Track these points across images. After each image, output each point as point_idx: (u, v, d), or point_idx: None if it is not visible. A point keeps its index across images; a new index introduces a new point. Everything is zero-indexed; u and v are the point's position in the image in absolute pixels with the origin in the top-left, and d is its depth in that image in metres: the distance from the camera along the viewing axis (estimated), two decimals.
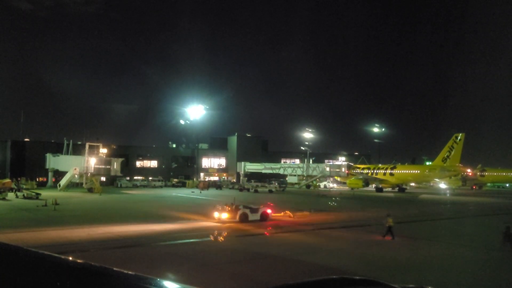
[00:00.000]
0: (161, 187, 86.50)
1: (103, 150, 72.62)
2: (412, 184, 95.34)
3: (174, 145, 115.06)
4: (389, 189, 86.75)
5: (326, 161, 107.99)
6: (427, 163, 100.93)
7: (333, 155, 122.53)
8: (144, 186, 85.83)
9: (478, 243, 25.44)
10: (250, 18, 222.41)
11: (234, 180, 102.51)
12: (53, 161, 77.29)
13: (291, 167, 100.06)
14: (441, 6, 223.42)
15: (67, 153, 76.47)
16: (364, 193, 78.58)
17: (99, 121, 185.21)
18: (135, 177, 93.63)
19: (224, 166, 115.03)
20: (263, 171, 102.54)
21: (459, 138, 78.56)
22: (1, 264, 2.18)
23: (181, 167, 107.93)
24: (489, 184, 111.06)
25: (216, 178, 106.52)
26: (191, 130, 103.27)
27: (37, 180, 79.75)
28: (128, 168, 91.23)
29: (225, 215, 31.65)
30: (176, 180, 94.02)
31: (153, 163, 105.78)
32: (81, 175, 67.88)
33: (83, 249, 20.78)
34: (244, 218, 31.45)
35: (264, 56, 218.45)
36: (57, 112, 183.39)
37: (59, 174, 75.88)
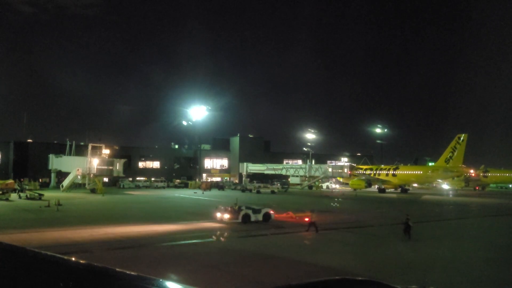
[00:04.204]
0: (163, 188, 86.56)
1: (106, 151, 72.68)
2: (415, 185, 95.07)
3: (176, 146, 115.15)
4: (392, 190, 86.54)
5: (328, 162, 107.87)
6: (430, 164, 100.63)
7: (335, 156, 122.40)
8: (147, 187, 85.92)
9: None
10: (253, 20, 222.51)
11: (237, 181, 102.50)
12: (56, 162, 77.44)
13: (293, 168, 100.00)
14: (444, 7, 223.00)
15: (69, 154, 76.61)
16: (367, 194, 78.40)
17: (102, 122, 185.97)
18: (138, 178, 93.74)
19: (227, 167, 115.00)
20: (265, 172, 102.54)
21: (462, 138, 78.27)
22: (5, 265, 2.18)
23: (184, 168, 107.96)
24: (492, 185, 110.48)
25: (218, 179, 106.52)
26: (193, 131, 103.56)
27: (40, 181, 79.90)
28: (130, 169, 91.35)
29: (227, 216, 31.63)
30: (178, 181, 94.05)
31: (156, 164, 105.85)
32: (83, 176, 68.01)
33: (86, 249, 20.81)
34: (246, 219, 31.42)
35: (267, 57, 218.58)
36: (60, 113, 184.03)
37: (62, 175, 76.06)
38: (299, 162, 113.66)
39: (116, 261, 18.60)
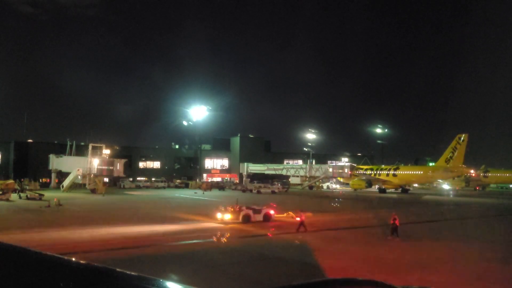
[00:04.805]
0: (164, 188, 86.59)
1: (106, 151, 72.77)
2: (415, 185, 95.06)
3: (177, 146, 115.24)
4: (392, 190, 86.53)
5: (329, 162, 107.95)
6: (430, 164, 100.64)
7: (336, 156, 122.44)
8: (147, 187, 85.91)
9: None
10: (254, 19, 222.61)
11: (237, 181, 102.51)
12: (56, 162, 77.46)
13: (293, 168, 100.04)
14: (445, 6, 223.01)
15: (70, 154, 76.66)
16: (367, 194, 78.38)
17: (102, 122, 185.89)
18: (138, 178, 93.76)
19: (227, 167, 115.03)
20: (266, 172, 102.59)
21: (462, 138, 78.25)
22: (5, 265, 2.18)
23: (184, 168, 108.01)
24: (492, 185, 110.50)
25: (219, 179, 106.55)
26: (194, 131, 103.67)
27: (40, 181, 79.91)
28: (131, 169, 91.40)
29: (228, 216, 31.64)
30: (179, 181, 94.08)
31: (156, 164, 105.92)
32: (84, 176, 68.03)
33: (86, 250, 20.80)
34: (247, 219, 31.42)
35: (267, 57, 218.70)
36: (60, 113, 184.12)
37: (62, 175, 76.07)
38: (300, 162, 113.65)
39: (116, 261, 18.59)
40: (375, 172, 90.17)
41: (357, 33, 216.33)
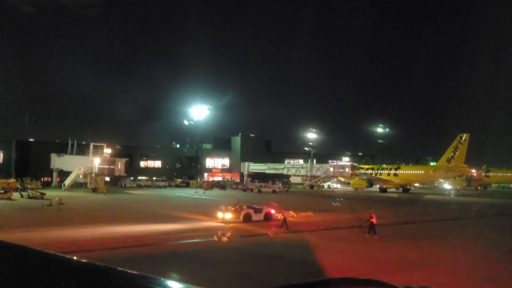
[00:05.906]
0: (165, 187, 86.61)
1: (107, 150, 72.87)
2: (417, 184, 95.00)
3: (178, 145, 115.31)
4: (393, 189, 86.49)
5: (329, 161, 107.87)
6: (432, 164, 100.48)
7: (337, 156, 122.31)
8: (148, 186, 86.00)
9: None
10: (255, 19, 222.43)
11: (238, 181, 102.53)
12: (58, 161, 77.62)
13: (294, 168, 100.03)
14: (445, 5, 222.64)
15: (71, 153, 76.85)
16: (368, 193, 78.36)
17: (104, 121, 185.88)
18: (139, 177, 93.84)
19: (228, 166, 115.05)
20: (267, 172, 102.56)
21: (463, 138, 78.17)
22: (6, 264, 2.19)
23: (185, 167, 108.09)
24: (494, 185, 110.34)
25: (219, 178, 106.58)
26: (194, 131, 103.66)
27: (42, 180, 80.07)
28: (132, 168, 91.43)
29: (228, 215, 31.66)
30: (180, 180, 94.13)
31: (157, 163, 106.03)
32: (85, 175, 68.14)
33: (88, 248, 20.84)
34: (247, 218, 31.45)
35: (268, 56, 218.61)
36: (61, 113, 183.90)
37: (63, 174, 76.22)
38: (301, 161, 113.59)
39: (117, 260, 18.62)
40: (376, 171, 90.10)
41: (358, 33, 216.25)
